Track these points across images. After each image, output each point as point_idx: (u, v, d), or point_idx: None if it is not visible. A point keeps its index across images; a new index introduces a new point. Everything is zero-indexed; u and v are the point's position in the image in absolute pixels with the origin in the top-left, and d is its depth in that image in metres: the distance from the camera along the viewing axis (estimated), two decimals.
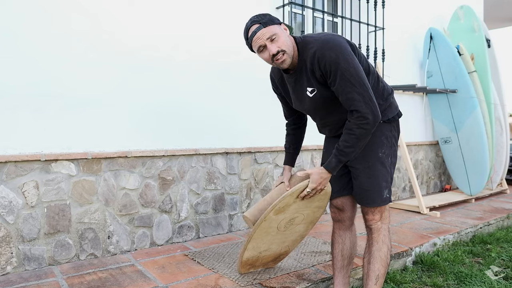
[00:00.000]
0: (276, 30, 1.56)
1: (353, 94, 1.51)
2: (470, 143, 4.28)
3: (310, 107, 1.70)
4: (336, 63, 1.50)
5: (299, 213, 1.83)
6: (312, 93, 1.63)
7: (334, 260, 1.90)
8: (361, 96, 1.51)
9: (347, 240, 1.88)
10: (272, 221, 1.79)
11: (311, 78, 1.61)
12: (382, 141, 1.71)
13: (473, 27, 4.54)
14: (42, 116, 2.22)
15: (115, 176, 2.46)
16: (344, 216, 1.87)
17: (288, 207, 1.75)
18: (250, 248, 1.91)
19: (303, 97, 1.69)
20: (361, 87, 1.51)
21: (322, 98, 1.64)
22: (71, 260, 2.32)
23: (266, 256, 2.05)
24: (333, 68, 1.51)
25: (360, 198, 1.76)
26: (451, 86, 4.37)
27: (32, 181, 2.18)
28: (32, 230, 2.19)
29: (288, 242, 2.05)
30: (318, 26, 3.79)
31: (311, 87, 1.63)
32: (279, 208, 1.73)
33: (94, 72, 2.38)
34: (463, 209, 3.85)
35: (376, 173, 1.71)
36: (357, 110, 1.51)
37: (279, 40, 1.56)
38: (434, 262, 2.53)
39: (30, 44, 2.17)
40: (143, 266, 2.24)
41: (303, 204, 1.78)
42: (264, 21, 1.56)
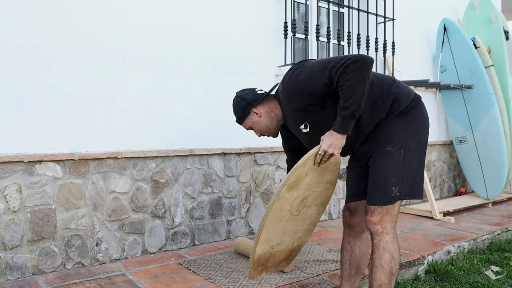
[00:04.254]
0: (248, 123, 1.96)
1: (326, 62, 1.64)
2: (487, 143, 4.28)
3: (314, 137, 1.79)
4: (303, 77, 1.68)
5: (311, 190, 1.83)
6: (306, 127, 1.78)
7: (342, 268, 1.91)
8: (332, 58, 1.64)
9: (356, 248, 1.89)
10: (285, 200, 1.76)
11: (298, 116, 1.77)
12: (392, 135, 1.73)
13: (490, 18, 4.54)
14: (26, 113, 2.22)
15: (104, 179, 2.46)
16: (354, 221, 1.89)
17: (300, 181, 1.75)
18: (263, 241, 1.83)
19: (302, 135, 1.84)
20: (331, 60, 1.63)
21: (317, 125, 1.75)
22: (57, 269, 2.32)
23: (278, 252, 1.98)
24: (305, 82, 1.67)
25: (368, 195, 1.77)
26: (466, 81, 4.37)
27: (15, 184, 2.19)
28: (14, 236, 2.19)
29: (300, 232, 2.00)
30: (323, 17, 3.79)
31: (302, 124, 1.79)
32: (291, 183, 1.72)
33: (82, 68, 2.38)
34: (479, 214, 3.85)
35: (382, 169, 1.71)
36: (334, 65, 1.59)
37: (255, 128, 1.96)
38: (448, 271, 2.53)
39: (13, 37, 2.17)
40: (134, 276, 2.25)
41: (315, 178, 1.79)
42: (237, 120, 1.98)
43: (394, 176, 1.70)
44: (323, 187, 1.88)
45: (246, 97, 1.91)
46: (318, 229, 3.26)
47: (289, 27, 3.24)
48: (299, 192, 1.80)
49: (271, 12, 3.22)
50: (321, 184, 1.86)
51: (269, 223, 1.80)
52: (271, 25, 3.22)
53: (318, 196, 1.91)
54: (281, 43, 3.24)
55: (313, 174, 1.78)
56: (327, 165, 1.78)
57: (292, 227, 1.94)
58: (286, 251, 2.05)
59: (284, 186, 1.72)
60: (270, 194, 3.20)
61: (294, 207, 1.85)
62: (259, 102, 1.89)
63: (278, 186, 1.80)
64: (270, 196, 3.19)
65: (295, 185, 1.75)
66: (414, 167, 1.74)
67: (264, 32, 3.19)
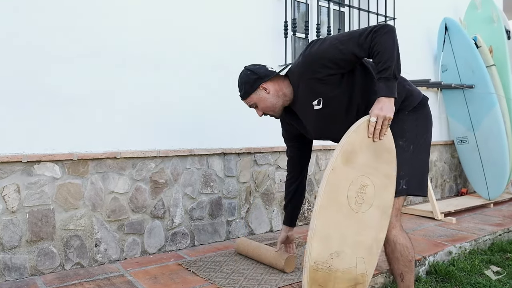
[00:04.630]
0: (253, 99, 1.89)
1: (350, 32, 1.68)
2: (489, 143, 4.28)
3: (325, 120, 1.79)
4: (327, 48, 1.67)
5: (368, 177, 1.67)
6: (320, 103, 1.75)
7: None
8: (355, 30, 1.69)
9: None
10: (340, 172, 1.59)
11: (314, 91, 1.74)
12: (404, 130, 1.77)
13: (491, 17, 4.54)
14: (24, 113, 2.22)
15: (103, 179, 2.46)
16: None
17: (355, 154, 1.61)
18: (318, 230, 1.57)
19: (312, 114, 1.81)
20: (357, 30, 1.69)
21: (332, 101, 1.73)
22: (55, 270, 2.32)
23: (338, 273, 1.67)
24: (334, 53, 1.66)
25: None
26: (467, 81, 4.37)
27: (13, 184, 2.19)
28: (12, 237, 2.19)
29: (363, 247, 1.71)
30: (323, 16, 3.79)
31: (315, 99, 1.75)
32: (346, 152, 1.58)
33: (82, 68, 2.38)
34: (480, 215, 3.85)
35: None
36: (362, 32, 1.63)
37: (259, 106, 1.90)
38: (449, 272, 2.53)
39: (12, 37, 2.18)
40: (133, 277, 2.25)
41: (371, 158, 1.65)
42: (242, 94, 1.91)
43: (403, 169, 1.73)
44: (381, 180, 1.70)
45: (258, 71, 1.86)
46: None
47: (289, 26, 3.24)
48: (355, 172, 1.64)
49: (271, 11, 3.22)
50: (378, 173, 1.69)
51: (324, 205, 1.58)
52: (271, 25, 3.22)
53: (378, 193, 1.70)
54: (281, 42, 3.24)
55: (368, 151, 1.64)
56: (382, 148, 1.65)
57: (352, 232, 1.69)
58: (349, 277, 1.71)
59: (338, 154, 1.58)
60: (270, 195, 3.20)
61: (352, 194, 1.65)
62: (269, 78, 1.84)
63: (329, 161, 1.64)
64: (270, 196, 3.20)
65: (350, 157, 1.60)
66: (421, 163, 1.79)
67: (264, 32, 3.19)
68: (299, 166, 2.17)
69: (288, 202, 2.24)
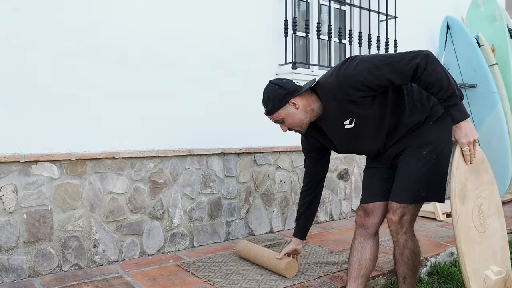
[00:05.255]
0: (281, 114, 1.81)
1: (399, 68, 1.63)
2: (491, 143, 4.28)
3: (354, 138, 1.82)
4: (363, 69, 1.66)
5: (479, 196, 1.81)
6: (352, 122, 1.75)
7: (350, 268, 1.92)
8: (404, 59, 1.63)
9: (368, 249, 1.91)
10: (463, 215, 1.71)
11: (347, 110, 1.73)
12: (429, 139, 1.79)
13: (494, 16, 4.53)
14: (22, 112, 2.22)
15: (101, 179, 2.46)
16: (369, 222, 1.91)
17: (465, 188, 1.72)
18: (471, 275, 1.69)
19: (341, 132, 1.81)
20: (393, 56, 1.68)
21: (364, 120, 1.75)
22: (53, 271, 2.32)
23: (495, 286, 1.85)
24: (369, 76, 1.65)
25: (392, 192, 1.83)
26: (469, 80, 4.36)
27: (10, 184, 2.19)
28: (10, 238, 2.19)
29: (499, 254, 1.89)
30: (324, 14, 3.79)
31: (347, 119, 1.76)
32: (459, 192, 1.69)
33: (80, 66, 2.38)
34: None
35: (413, 169, 1.79)
36: (414, 70, 1.61)
37: (286, 122, 1.83)
38: (451, 273, 2.53)
39: (11, 36, 2.17)
40: (132, 278, 2.25)
41: (475, 180, 1.78)
42: (268, 109, 1.83)
43: (424, 177, 1.76)
44: (488, 189, 1.85)
45: (287, 86, 1.80)
46: (319, 231, 3.26)
47: (290, 25, 3.23)
48: (471, 203, 1.77)
49: (272, 10, 3.22)
50: (483, 185, 1.83)
51: (466, 250, 1.70)
52: (272, 23, 3.22)
53: (489, 201, 1.86)
54: (281, 41, 3.24)
55: (471, 176, 1.76)
56: (477, 164, 1.77)
57: (488, 248, 1.84)
58: (500, 281, 1.90)
59: (455, 199, 1.68)
60: (270, 195, 3.20)
61: (476, 222, 1.79)
62: (299, 93, 1.78)
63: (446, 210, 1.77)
64: (270, 197, 3.19)
65: (463, 194, 1.71)
66: (442, 171, 1.81)
67: (265, 31, 3.19)
68: (318, 177, 2.14)
69: (301, 213, 2.19)
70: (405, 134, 1.83)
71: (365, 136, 1.82)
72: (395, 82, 1.66)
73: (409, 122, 1.79)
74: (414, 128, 1.82)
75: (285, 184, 3.30)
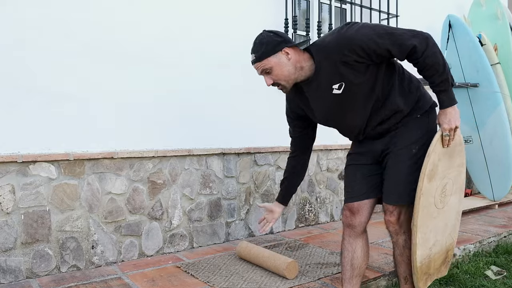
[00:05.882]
0: (271, 62, 1.72)
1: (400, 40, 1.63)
2: (493, 143, 4.28)
3: (339, 107, 1.77)
4: (365, 34, 1.64)
5: (446, 177, 1.86)
6: (340, 88, 1.71)
7: (343, 270, 1.92)
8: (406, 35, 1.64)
9: (358, 248, 1.90)
10: (428, 192, 1.78)
11: (338, 74, 1.69)
12: (417, 136, 1.78)
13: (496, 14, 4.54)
14: (19, 112, 2.22)
15: (99, 180, 2.46)
16: (356, 221, 1.89)
17: (436, 169, 1.77)
18: (420, 243, 1.80)
19: (330, 101, 1.77)
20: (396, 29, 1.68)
21: (352, 89, 1.71)
22: (51, 272, 2.32)
23: (436, 256, 1.96)
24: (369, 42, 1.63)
25: (386, 194, 1.82)
26: (472, 79, 4.36)
27: (8, 185, 2.19)
28: (7, 239, 2.19)
29: (449, 227, 2.00)
30: (324, 13, 3.79)
31: (337, 83, 1.71)
32: (429, 172, 1.74)
33: (79, 66, 2.38)
34: (485, 216, 3.85)
35: (405, 168, 1.77)
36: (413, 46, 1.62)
37: (273, 72, 1.74)
38: (453, 274, 2.53)
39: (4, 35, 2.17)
40: (130, 279, 2.25)
41: (447, 162, 1.83)
42: (259, 54, 1.73)
43: (417, 174, 1.74)
44: (457, 171, 1.91)
45: (282, 35, 1.75)
46: (320, 232, 3.26)
47: (290, 23, 3.23)
48: (438, 182, 1.81)
49: (272, 8, 3.22)
50: (453, 167, 1.88)
51: (421, 223, 1.78)
52: (272, 22, 3.21)
53: (455, 181, 1.92)
54: None
55: (444, 158, 1.80)
56: (454, 147, 1.80)
57: (442, 222, 1.93)
58: (442, 252, 2.01)
59: (423, 177, 1.73)
60: (270, 195, 3.20)
61: (437, 199, 1.84)
62: (293, 44, 1.73)
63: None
64: (270, 197, 3.19)
65: (433, 173, 1.76)
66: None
67: None
68: (303, 146, 2.12)
69: (285, 178, 2.20)
70: (388, 121, 1.79)
71: (350, 107, 1.77)
72: (393, 53, 1.65)
73: (395, 104, 1.76)
74: (400, 124, 1.79)
75: None
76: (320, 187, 3.51)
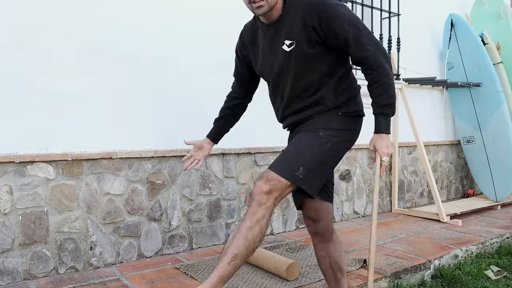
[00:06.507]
0: None
1: (364, 40, 1.60)
2: (496, 143, 4.28)
3: (281, 67, 1.71)
4: (340, 12, 1.60)
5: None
6: (290, 46, 1.66)
7: (326, 277, 1.87)
8: (372, 42, 1.61)
9: (332, 252, 1.83)
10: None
11: (295, 31, 1.64)
12: (329, 125, 1.70)
13: (499, 13, 4.54)
14: (17, 111, 2.22)
15: (98, 180, 2.46)
16: (320, 227, 1.81)
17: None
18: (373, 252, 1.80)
19: (276, 53, 1.71)
20: (369, 32, 1.63)
21: (298, 55, 1.65)
22: (49, 274, 2.32)
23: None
24: (337, 19, 1.59)
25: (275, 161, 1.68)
26: (474, 79, 4.36)
27: (5, 185, 2.18)
28: (5, 240, 2.19)
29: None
30: None
31: (290, 40, 1.66)
32: (378, 192, 1.78)
33: (77, 66, 2.38)
34: (487, 217, 3.85)
35: (302, 145, 1.67)
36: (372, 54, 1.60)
37: None
38: (456, 276, 2.53)
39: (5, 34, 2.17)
40: (129, 281, 2.24)
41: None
42: None
43: (309, 159, 1.63)
44: None
45: None
46: None
47: None
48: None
49: None
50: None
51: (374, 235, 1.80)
52: None
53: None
54: None
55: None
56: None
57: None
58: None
59: (377, 196, 1.76)
60: None
61: None
62: None
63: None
64: None
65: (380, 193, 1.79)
66: (328, 165, 1.71)
67: None
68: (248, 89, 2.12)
69: (224, 116, 2.13)
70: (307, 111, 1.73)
71: (286, 72, 1.71)
72: (349, 47, 1.61)
73: (325, 98, 1.71)
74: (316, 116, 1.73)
75: None
76: None
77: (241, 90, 2.12)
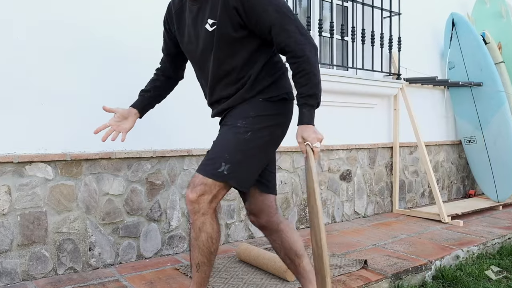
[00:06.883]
0: None
1: (289, 27, 1.55)
2: (497, 143, 4.28)
3: (204, 46, 1.66)
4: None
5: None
6: (213, 26, 1.61)
7: (286, 264, 1.88)
8: (298, 29, 1.56)
9: (285, 240, 1.82)
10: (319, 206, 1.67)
11: (219, 9, 1.58)
12: (248, 114, 1.65)
13: (500, 13, 4.54)
14: (15, 111, 2.22)
15: (97, 180, 2.46)
16: (263, 222, 1.80)
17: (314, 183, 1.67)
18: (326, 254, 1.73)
19: (199, 32, 1.66)
20: (296, 20, 1.58)
21: (220, 36, 1.60)
22: (48, 274, 2.32)
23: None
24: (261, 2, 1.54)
25: (200, 164, 1.66)
26: (475, 78, 4.36)
27: (4, 185, 2.18)
28: (3, 241, 2.19)
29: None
30: (326, 11, 3.79)
31: (213, 19, 1.60)
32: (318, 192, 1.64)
33: (76, 65, 2.38)
34: (489, 217, 3.85)
35: (222, 141, 1.66)
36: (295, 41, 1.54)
37: None
38: (457, 277, 2.53)
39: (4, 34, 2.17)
40: (128, 282, 2.24)
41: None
42: None
43: (230, 153, 1.60)
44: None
45: None
46: None
47: None
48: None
49: None
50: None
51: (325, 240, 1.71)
52: None
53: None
54: None
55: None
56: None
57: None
58: None
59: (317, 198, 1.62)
60: None
61: None
62: None
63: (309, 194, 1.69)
64: None
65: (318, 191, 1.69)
66: (254, 155, 1.65)
67: None
68: (177, 65, 2.03)
69: (154, 87, 2.02)
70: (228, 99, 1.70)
71: (208, 53, 1.66)
72: (272, 32, 1.55)
73: (243, 85, 1.66)
74: (240, 104, 1.69)
75: (286, 185, 3.30)
76: (321, 188, 3.51)
77: (170, 66, 2.02)
